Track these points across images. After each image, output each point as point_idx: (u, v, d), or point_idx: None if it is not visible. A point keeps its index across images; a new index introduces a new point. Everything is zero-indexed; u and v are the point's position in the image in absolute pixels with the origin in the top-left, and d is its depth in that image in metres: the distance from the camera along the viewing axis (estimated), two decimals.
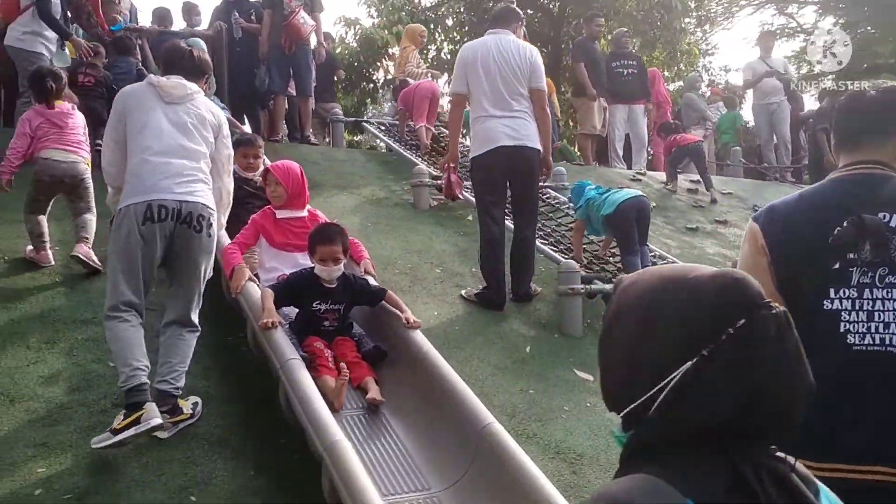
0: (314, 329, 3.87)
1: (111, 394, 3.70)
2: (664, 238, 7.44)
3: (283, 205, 4.38)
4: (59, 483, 3.08)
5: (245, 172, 5.13)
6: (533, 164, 5.30)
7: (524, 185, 5.38)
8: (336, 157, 8.51)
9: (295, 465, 3.39)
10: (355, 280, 4.05)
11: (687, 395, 1.03)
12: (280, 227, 4.33)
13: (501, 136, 5.20)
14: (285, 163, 4.53)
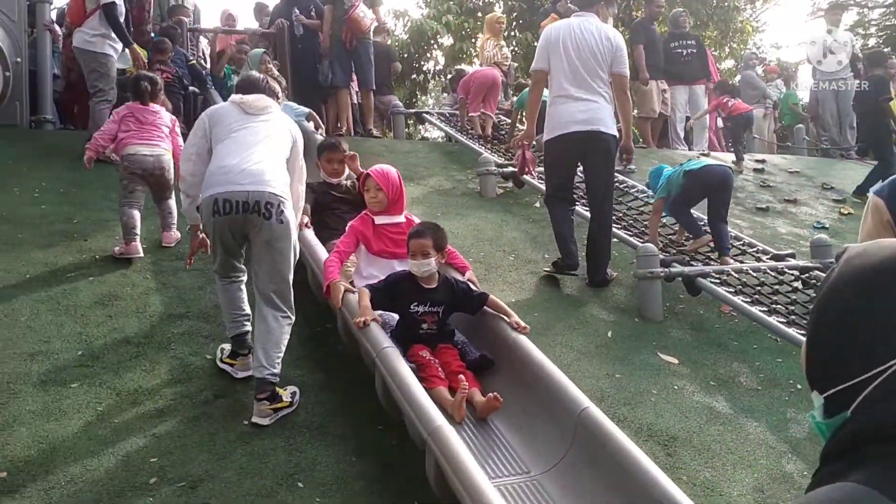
0: (413, 334, 3.74)
1: (212, 385, 3.81)
2: (735, 219, 7.34)
3: (382, 210, 4.25)
4: (171, 472, 3.19)
5: (330, 178, 5.03)
6: (605, 150, 5.31)
7: (597, 171, 5.40)
8: (400, 149, 8.58)
9: (395, 450, 3.45)
10: (456, 283, 3.91)
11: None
12: (378, 233, 4.20)
13: (574, 120, 5.24)
14: (384, 168, 4.37)
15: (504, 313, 3.87)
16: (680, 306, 5.35)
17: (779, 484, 3.54)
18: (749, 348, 4.86)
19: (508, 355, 3.77)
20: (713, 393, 4.27)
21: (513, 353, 3.75)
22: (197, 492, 3.08)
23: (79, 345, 4.07)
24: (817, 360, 1.03)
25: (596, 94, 5.25)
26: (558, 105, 5.32)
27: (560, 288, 5.40)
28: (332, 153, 5.04)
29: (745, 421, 4.03)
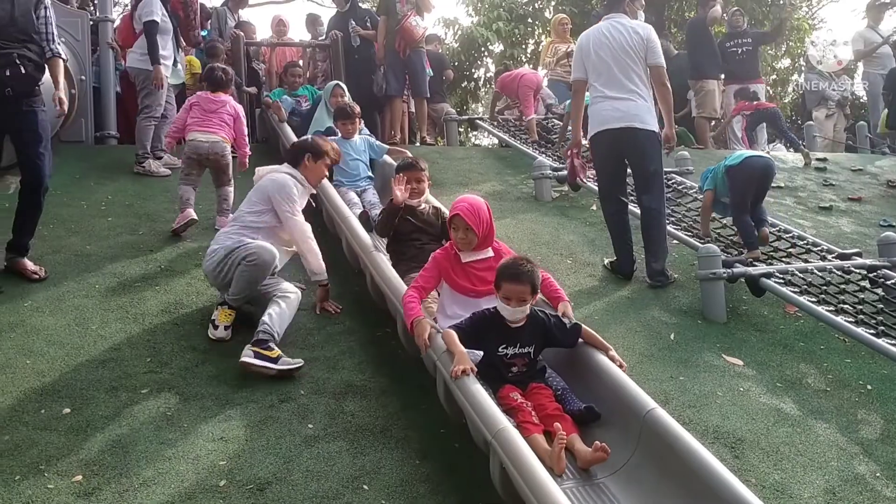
0: (502, 376, 3.45)
1: (277, 390, 3.86)
2: (797, 218, 7.19)
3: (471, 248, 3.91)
4: (240, 474, 3.25)
5: (409, 199, 4.64)
6: (643, 144, 5.40)
7: (639, 164, 5.51)
8: (454, 155, 8.61)
9: (458, 453, 3.46)
10: (547, 319, 3.57)
11: None
12: (465, 270, 3.85)
13: (609, 118, 5.39)
14: (473, 202, 3.92)
15: (600, 346, 3.60)
16: (743, 307, 5.25)
17: (851, 486, 3.45)
18: (816, 349, 4.74)
19: (569, 358, 3.75)
20: (780, 394, 4.19)
21: (573, 356, 3.73)
22: (265, 494, 3.12)
23: (147, 352, 4.17)
24: None
25: (631, 91, 5.35)
26: (594, 105, 5.50)
27: (620, 290, 5.36)
28: (409, 172, 4.67)
29: (814, 422, 3.94)
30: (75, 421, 3.55)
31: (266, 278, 4.37)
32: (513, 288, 3.40)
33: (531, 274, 3.44)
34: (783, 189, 8.17)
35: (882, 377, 4.43)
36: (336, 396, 3.86)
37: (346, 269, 5.21)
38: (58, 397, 3.73)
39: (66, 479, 3.16)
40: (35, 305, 4.59)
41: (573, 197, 7.31)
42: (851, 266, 5.41)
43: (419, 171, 4.71)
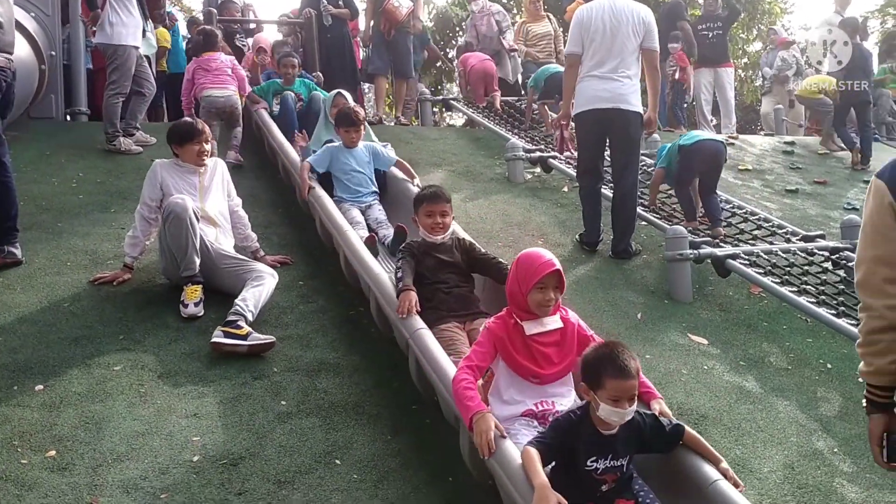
0: (589, 495, 2.64)
1: (249, 368, 3.90)
2: (764, 201, 7.33)
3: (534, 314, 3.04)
4: (213, 450, 3.29)
5: (432, 235, 3.98)
6: (628, 125, 5.51)
7: (620, 145, 5.62)
8: (428, 135, 8.64)
9: (430, 429, 3.53)
10: (643, 420, 2.77)
11: None
12: (528, 346, 3.01)
13: (598, 97, 5.47)
14: (548, 254, 3.09)
15: (708, 455, 2.80)
16: (709, 288, 5.37)
17: (809, 461, 3.57)
18: (779, 329, 4.87)
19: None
20: (743, 373, 4.30)
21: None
22: (238, 469, 3.17)
23: (120, 329, 4.19)
24: None
25: (622, 72, 5.44)
26: (584, 82, 5.55)
27: (589, 270, 5.45)
28: (433, 204, 3.99)
29: (775, 400, 4.06)
30: (48, 397, 3.57)
31: (193, 234, 4.35)
32: (622, 385, 2.55)
33: (636, 362, 2.64)
34: (751, 172, 8.31)
35: (842, 356, 4.56)
36: (309, 374, 3.91)
37: (319, 249, 5.25)
38: (30, 374, 3.74)
39: (40, 454, 3.18)
40: (6, 283, 4.58)
41: (545, 178, 7.38)
42: (815, 248, 5.54)
43: (444, 202, 4.01)
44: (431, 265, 3.89)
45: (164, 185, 4.64)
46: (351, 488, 3.13)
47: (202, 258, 4.42)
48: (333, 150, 5.46)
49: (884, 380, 2.18)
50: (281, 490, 3.08)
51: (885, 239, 2.09)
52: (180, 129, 4.90)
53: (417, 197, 4.14)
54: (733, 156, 8.88)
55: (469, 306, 3.82)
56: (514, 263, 3.11)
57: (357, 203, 5.34)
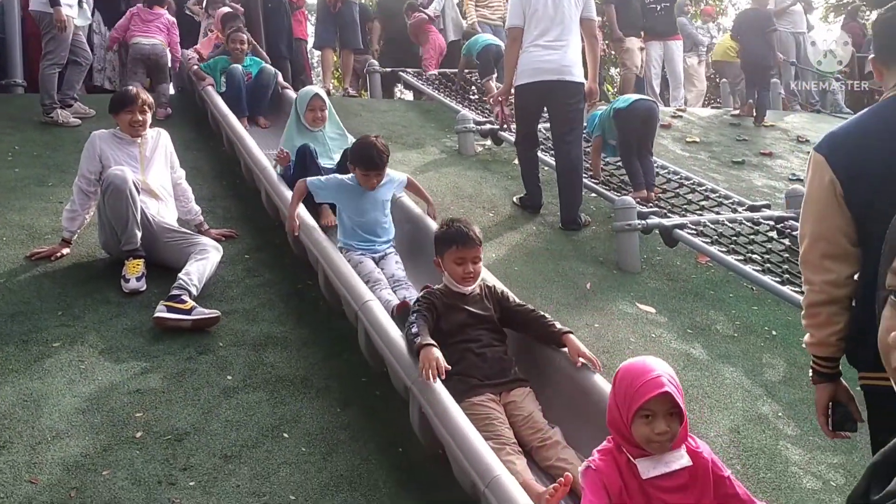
0: None
1: (194, 342, 3.82)
2: (711, 172, 7.41)
3: None
4: (157, 426, 3.21)
5: (462, 285, 3.22)
6: (571, 96, 5.58)
7: (565, 114, 5.66)
8: (377, 108, 8.54)
9: (379, 400, 3.50)
10: None
11: None
12: (645, 492, 2.15)
13: (542, 69, 5.52)
14: (661, 367, 2.26)
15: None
16: (657, 258, 5.41)
17: (754, 425, 3.63)
18: (725, 297, 4.94)
19: None
20: (690, 340, 4.35)
21: None
22: (183, 444, 3.11)
23: (59, 305, 4.06)
24: None
25: (565, 42, 5.48)
26: (528, 53, 5.57)
27: (539, 242, 5.45)
28: (465, 249, 3.19)
29: (721, 366, 4.11)
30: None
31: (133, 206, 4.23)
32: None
33: None
34: (699, 144, 8.39)
35: (786, 323, 4.65)
36: (256, 348, 3.84)
37: (265, 221, 5.15)
38: None
39: None
40: None
41: (496, 151, 7.35)
42: (760, 217, 5.61)
43: (477, 245, 3.26)
44: (459, 320, 3.15)
45: (102, 157, 4.49)
46: (299, 461, 3.09)
47: (143, 232, 4.29)
48: (345, 188, 4.25)
49: (827, 351, 2.22)
50: (227, 464, 3.03)
51: (825, 215, 2.12)
52: (116, 97, 4.77)
53: (443, 237, 3.28)
54: (681, 128, 8.97)
55: (506, 371, 3.12)
56: (614, 377, 2.28)
57: (370, 252, 4.16)
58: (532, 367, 3.33)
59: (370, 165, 4.16)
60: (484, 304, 3.25)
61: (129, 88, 4.87)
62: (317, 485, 2.97)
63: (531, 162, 5.93)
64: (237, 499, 2.85)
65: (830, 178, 2.09)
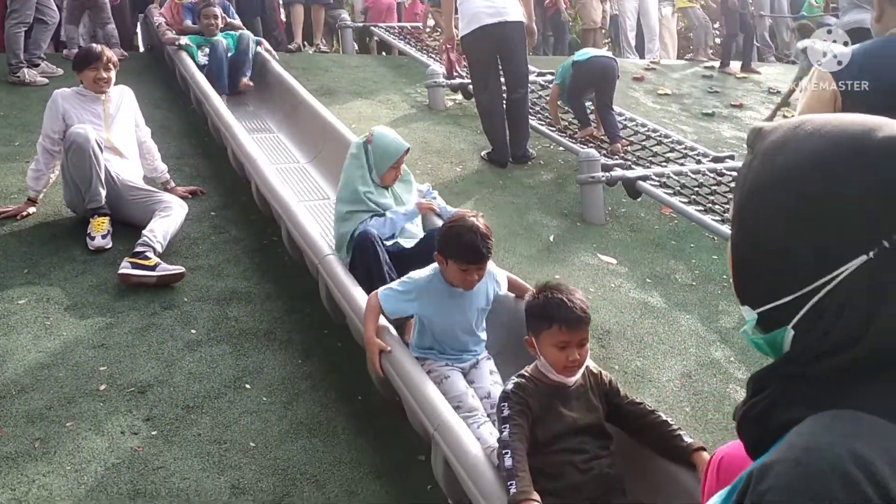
0: None
1: (159, 298, 3.88)
2: (680, 124, 7.47)
3: None
4: (121, 378, 3.29)
5: (564, 376, 2.41)
6: (514, 37, 5.83)
7: (510, 56, 5.90)
8: (348, 63, 8.51)
9: (340, 352, 3.59)
10: None
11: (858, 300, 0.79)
12: None
13: (482, 14, 5.73)
14: None
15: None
16: (622, 210, 5.49)
17: (706, 369, 3.74)
18: (686, 247, 5.03)
19: None
20: (649, 289, 4.45)
21: None
22: (146, 396, 3.19)
23: (24, 263, 4.10)
24: (745, 272, 0.90)
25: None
26: (466, 2, 5.76)
27: (505, 196, 5.51)
28: (571, 331, 2.36)
29: (677, 314, 4.22)
30: None
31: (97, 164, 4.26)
32: None
33: None
34: (670, 96, 8.43)
35: None
36: (220, 303, 3.91)
37: (232, 179, 5.19)
38: None
39: None
40: None
41: (466, 105, 7.36)
42: (724, 168, 5.68)
43: (585, 325, 2.41)
44: (560, 429, 2.37)
45: (65, 116, 4.50)
46: (260, 410, 3.18)
47: (108, 190, 4.32)
48: (430, 290, 2.99)
49: None
50: (189, 414, 3.11)
51: None
52: (79, 54, 4.76)
53: (540, 313, 2.43)
54: (653, 80, 9.00)
55: (614, 490, 2.36)
56: None
57: (458, 361, 3.07)
58: (642, 482, 2.49)
59: (472, 258, 2.90)
60: (590, 402, 2.47)
61: (94, 46, 4.87)
62: (277, 432, 3.07)
63: (494, 112, 6.02)
64: (198, 446, 2.94)
65: (833, 90, 2.18)
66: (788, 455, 0.74)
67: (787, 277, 0.83)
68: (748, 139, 0.92)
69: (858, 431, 0.74)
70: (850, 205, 0.79)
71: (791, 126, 0.89)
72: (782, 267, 0.84)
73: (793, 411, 0.81)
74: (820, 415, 0.78)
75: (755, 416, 0.85)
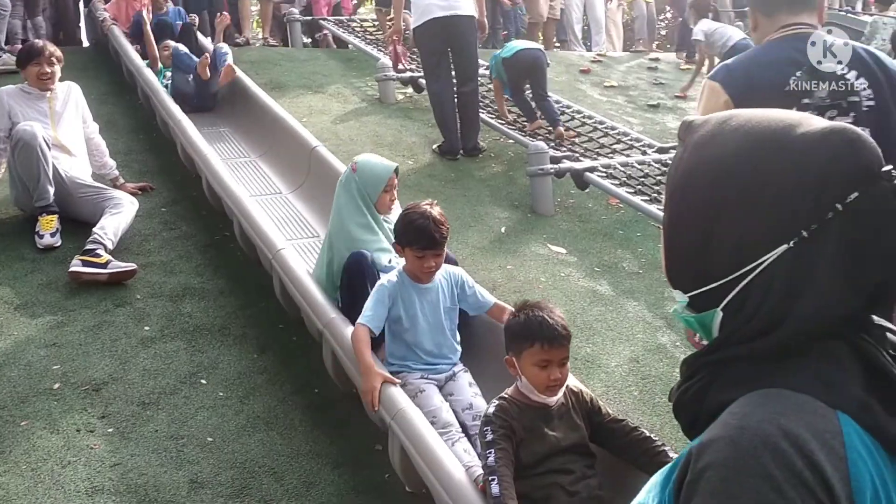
0: None
1: (111, 296, 3.86)
2: (627, 116, 7.61)
3: None
4: (74, 377, 3.28)
5: (545, 396, 2.39)
6: (466, 30, 5.90)
7: (460, 50, 5.99)
8: (297, 57, 8.48)
9: (295, 345, 3.62)
10: None
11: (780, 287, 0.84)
12: None
13: (434, 7, 5.80)
14: None
15: None
16: (570, 201, 5.60)
17: (653, 354, 3.86)
18: (633, 236, 5.16)
19: None
20: (597, 278, 4.56)
21: None
22: (101, 393, 3.19)
23: None
24: (675, 257, 0.95)
25: None
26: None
27: (457, 188, 5.58)
28: (551, 348, 2.34)
29: (625, 301, 4.33)
30: None
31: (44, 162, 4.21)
32: None
33: None
34: (616, 88, 8.58)
35: None
36: (173, 299, 3.91)
37: (182, 174, 5.16)
38: None
39: None
40: None
41: (417, 99, 7.40)
42: (668, 159, 5.82)
43: (566, 344, 2.39)
44: (545, 450, 2.33)
45: (11, 114, 4.43)
46: (217, 405, 3.20)
47: (56, 187, 4.28)
48: (399, 288, 2.97)
49: None
50: (145, 411, 3.12)
51: None
52: (22, 50, 4.71)
53: (520, 332, 2.40)
54: (600, 73, 9.14)
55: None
56: None
57: (431, 370, 2.98)
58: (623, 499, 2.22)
59: (426, 243, 2.91)
60: (572, 421, 2.42)
61: (36, 41, 4.81)
62: (234, 426, 3.09)
63: (446, 102, 6.09)
64: (155, 442, 2.96)
65: (725, 100, 2.33)
66: (723, 433, 0.79)
67: (713, 265, 0.88)
68: (679, 132, 0.98)
69: (786, 408, 0.79)
70: (773, 197, 0.84)
71: (719, 120, 0.93)
72: (709, 255, 0.88)
73: (724, 393, 0.86)
74: (750, 395, 0.83)
75: (689, 399, 0.90)
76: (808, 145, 0.85)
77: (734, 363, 0.87)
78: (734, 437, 0.78)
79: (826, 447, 0.76)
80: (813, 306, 0.83)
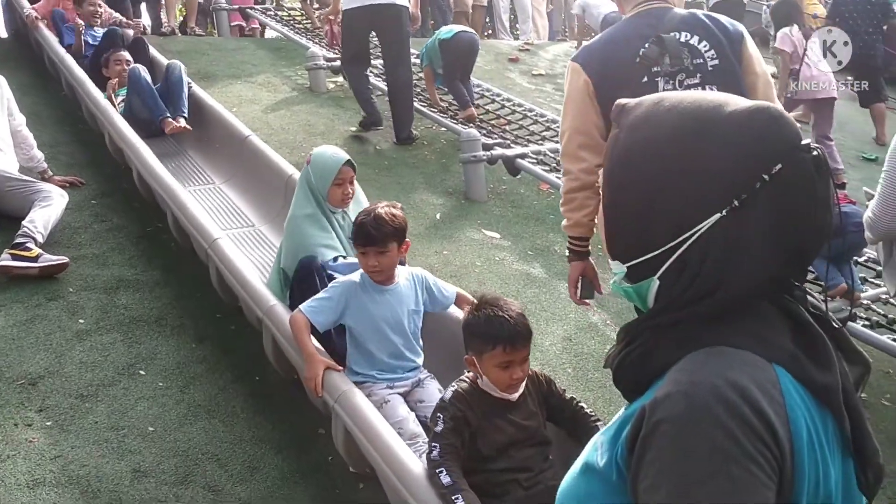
0: None
1: (43, 289, 3.80)
2: (555, 104, 7.75)
3: None
4: (9, 372, 3.23)
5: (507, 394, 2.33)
6: (399, 19, 5.98)
7: (392, 37, 6.06)
8: (226, 46, 8.38)
9: (234, 334, 3.63)
10: None
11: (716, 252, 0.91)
12: None
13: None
14: None
15: None
16: (503, 187, 5.71)
17: (585, 333, 4.00)
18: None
19: None
20: (531, 261, 4.68)
21: None
22: (37, 387, 3.15)
23: None
24: (615, 230, 1.01)
25: None
26: None
27: (392, 176, 5.63)
28: (513, 350, 2.27)
29: (557, 283, 4.45)
30: None
31: None
32: None
33: None
34: (544, 76, 8.74)
35: None
36: (107, 291, 3.87)
37: (112, 166, 5.08)
38: None
39: None
40: None
41: (347, 88, 7.40)
42: None
43: (527, 341, 2.35)
44: (502, 441, 2.31)
45: None
46: (157, 395, 3.20)
47: None
48: (357, 289, 2.87)
49: (580, 231, 2.70)
50: (84, 403, 3.10)
51: (580, 112, 2.54)
52: None
53: (481, 333, 2.30)
54: (528, 61, 9.28)
55: None
56: None
57: (398, 379, 2.90)
58: None
59: (363, 241, 2.82)
60: (529, 410, 2.39)
61: None
62: (175, 415, 3.10)
63: (361, 81, 6.22)
64: (96, 433, 2.94)
65: (585, 79, 2.50)
66: (676, 389, 0.86)
67: (652, 235, 0.95)
68: (612, 114, 1.04)
69: (730, 363, 0.87)
70: (705, 171, 0.91)
71: (652, 102, 1.00)
72: (647, 226, 0.95)
73: (669, 354, 0.93)
74: (694, 353, 0.90)
75: (632, 363, 0.97)
76: (737, 122, 0.92)
77: (675, 326, 0.94)
78: (687, 392, 0.85)
79: (768, 396, 0.86)
80: (746, 270, 0.90)
